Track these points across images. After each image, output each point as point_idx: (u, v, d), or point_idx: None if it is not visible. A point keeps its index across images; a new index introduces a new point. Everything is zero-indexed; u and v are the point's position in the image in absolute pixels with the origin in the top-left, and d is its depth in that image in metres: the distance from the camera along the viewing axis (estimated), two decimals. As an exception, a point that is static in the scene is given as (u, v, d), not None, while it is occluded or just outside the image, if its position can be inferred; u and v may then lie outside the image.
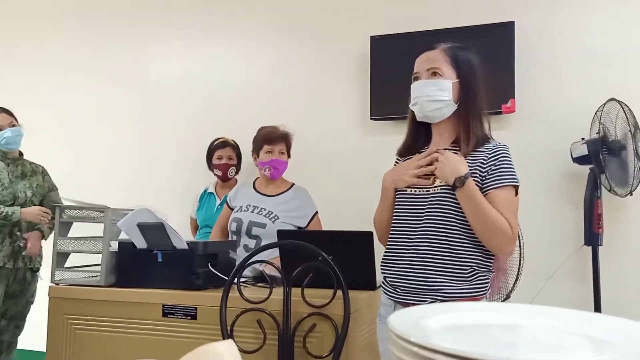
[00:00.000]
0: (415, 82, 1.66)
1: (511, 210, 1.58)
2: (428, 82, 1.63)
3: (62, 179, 3.36)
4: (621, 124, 2.57)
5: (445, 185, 1.59)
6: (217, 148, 3.19)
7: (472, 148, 1.61)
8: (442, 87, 1.62)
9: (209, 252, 2.01)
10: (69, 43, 4.00)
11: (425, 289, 1.58)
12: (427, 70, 1.64)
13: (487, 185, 1.58)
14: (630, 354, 0.58)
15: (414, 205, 1.64)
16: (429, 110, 1.63)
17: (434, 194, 1.61)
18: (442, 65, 1.63)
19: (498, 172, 1.59)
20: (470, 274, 1.58)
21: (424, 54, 1.68)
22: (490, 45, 2.87)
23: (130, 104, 3.83)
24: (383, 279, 1.72)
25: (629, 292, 2.72)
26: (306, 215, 2.63)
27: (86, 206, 2.13)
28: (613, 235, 2.72)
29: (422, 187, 1.64)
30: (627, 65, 2.80)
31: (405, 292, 1.61)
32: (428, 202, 1.61)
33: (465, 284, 1.57)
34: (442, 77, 1.63)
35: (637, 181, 2.56)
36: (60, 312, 2.04)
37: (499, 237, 1.55)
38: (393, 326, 0.57)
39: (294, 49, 3.45)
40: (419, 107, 1.64)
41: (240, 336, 1.79)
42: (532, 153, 2.86)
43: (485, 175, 1.59)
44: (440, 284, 1.57)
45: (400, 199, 1.68)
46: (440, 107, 1.63)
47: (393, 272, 1.65)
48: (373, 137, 3.21)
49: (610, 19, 2.85)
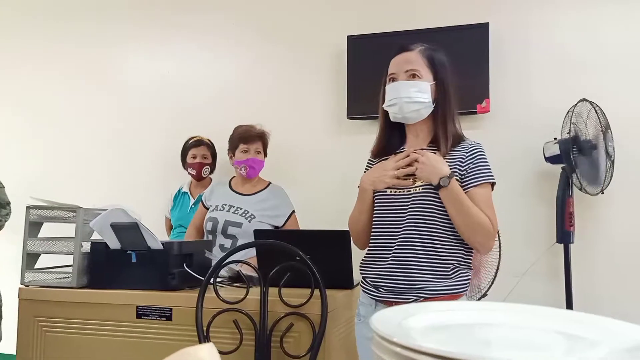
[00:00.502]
0: (394, 83, 1.66)
1: (490, 206, 1.62)
2: (407, 83, 1.64)
3: (34, 179, 3.28)
4: (592, 124, 2.62)
5: (426, 185, 1.61)
6: (192, 147, 3.16)
7: (450, 148, 1.64)
8: (422, 89, 1.63)
9: (184, 252, 1.99)
10: (40, 42, 3.90)
11: (409, 288, 1.59)
12: (406, 71, 1.65)
13: (467, 183, 1.62)
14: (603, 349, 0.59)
15: (395, 205, 1.65)
16: (408, 112, 1.64)
17: (415, 194, 1.62)
18: (420, 67, 1.65)
19: (477, 170, 1.63)
20: (452, 271, 1.60)
21: (401, 56, 1.68)
22: (466, 45, 2.90)
23: (105, 104, 3.76)
24: (362, 279, 1.72)
25: (600, 288, 2.78)
26: (283, 214, 2.62)
27: (57, 206, 2.08)
28: (584, 232, 2.78)
29: (402, 187, 1.65)
30: (598, 66, 2.86)
31: (388, 292, 1.62)
32: (410, 202, 1.62)
33: (448, 281, 1.59)
34: (420, 79, 1.64)
35: (608, 180, 2.62)
36: (30, 315, 2.00)
37: (482, 233, 1.59)
38: (376, 327, 0.57)
39: (271, 49, 3.43)
40: (397, 108, 1.64)
41: (216, 337, 1.77)
42: (506, 152, 2.90)
43: (465, 173, 1.62)
44: (424, 282, 1.58)
45: (380, 200, 1.68)
46: (419, 109, 1.64)
47: (375, 272, 1.65)
48: (350, 136, 3.22)
49: (581, 20, 2.91)
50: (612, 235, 2.81)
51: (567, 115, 2.69)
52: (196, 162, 3.13)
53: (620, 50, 2.84)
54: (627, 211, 2.80)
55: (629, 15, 2.85)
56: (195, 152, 3.14)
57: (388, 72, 1.70)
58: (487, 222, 1.58)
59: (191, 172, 3.16)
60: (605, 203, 2.79)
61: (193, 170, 3.14)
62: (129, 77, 3.74)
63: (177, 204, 3.20)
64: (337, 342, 1.89)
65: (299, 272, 1.73)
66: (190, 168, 3.15)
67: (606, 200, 2.77)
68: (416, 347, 0.51)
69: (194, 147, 3.16)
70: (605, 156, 2.58)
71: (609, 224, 2.82)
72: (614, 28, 2.87)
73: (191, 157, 3.15)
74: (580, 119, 2.64)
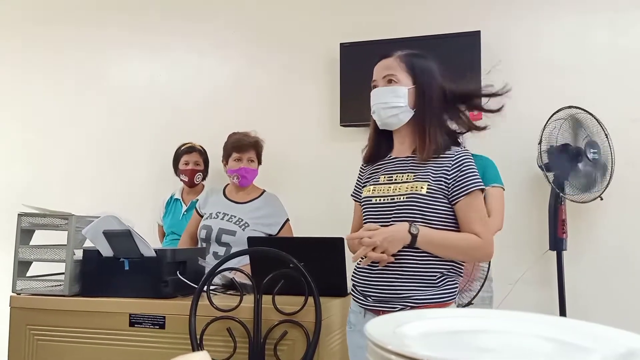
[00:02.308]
0: (374, 90, 1.68)
1: (480, 215, 1.61)
2: (384, 89, 1.65)
3: (25, 186, 3.26)
4: (581, 131, 2.65)
5: (409, 193, 1.59)
6: (184, 153, 3.16)
7: (431, 154, 1.61)
8: (397, 94, 1.62)
9: (178, 260, 1.98)
10: (29, 48, 3.88)
11: (395, 297, 1.58)
12: (384, 77, 1.66)
13: (456, 193, 1.59)
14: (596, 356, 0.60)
15: (380, 215, 1.64)
16: (386, 117, 1.65)
17: (398, 202, 1.61)
18: (397, 72, 1.65)
19: (464, 179, 1.60)
20: (439, 279, 1.59)
21: (381, 62, 1.69)
22: (458, 53, 2.92)
23: (95, 110, 3.74)
24: (352, 286, 1.72)
25: (592, 295, 2.80)
26: (277, 222, 2.62)
27: (49, 213, 2.07)
28: (577, 240, 2.79)
29: (386, 195, 1.64)
30: (588, 74, 2.89)
31: (375, 301, 1.61)
32: (394, 211, 1.61)
33: (433, 290, 1.58)
34: (397, 84, 1.64)
35: (598, 188, 2.64)
36: (22, 323, 1.98)
37: (474, 254, 1.64)
38: (370, 334, 0.57)
39: (264, 55, 3.44)
40: (377, 115, 1.66)
41: (210, 345, 1.77)
42: (498, 160, 2.91)
43: (452, 183, 1.60)
44: (409, 292, 1.57)
45: (366, 209, 1.68)
46: (397, 114, 1.63)
47: (364, 281, 1.65)
48: (343, 143, 3.22)
49: (571, 28, 2.94)
50: (604, 242, 2.82)
51: (556, 122, 2.71)
52: (188, 168, 3.13)
53: (610, 57, 2.87)
54: (619, 218, 2.81)
55: (616, 22, 2.88)
56: (188, 158, 3.14)
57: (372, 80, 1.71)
58: (474, 241, 1.57)
59: (183, 178, 3.15)
60: (598, 210, 2.81)
61: (185, 177, 3.14)
62: (119, 82, 3.73)
63: (169, 210, 3.19)
64: (331, 350, 1.88)
65: (293, 279, 1.73)
66: (183, 175, 3.14)
67: (599, 208, 2.79)
68: (411, 354, 0.51)
69: (186, 153, 3.15)
70: (594, 164, 2.60)
71: (602, 231, 2.84)
72: (602, 36, 2.90)
73: (183, 164, 3.14)
74: (568, 127, 2.66)
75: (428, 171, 1.61)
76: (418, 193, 1.58)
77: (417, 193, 1.58)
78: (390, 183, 1.64)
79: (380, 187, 1.66)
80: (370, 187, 1.69)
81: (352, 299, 1.71)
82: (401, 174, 1.65)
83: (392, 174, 1.67)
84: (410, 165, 1.65)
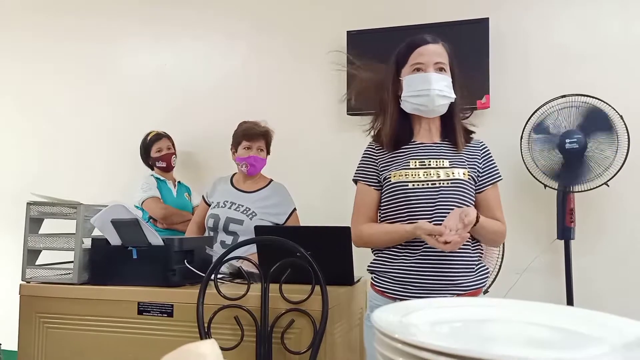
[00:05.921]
0: (423, 74, 1.61)
1: (499, 204, 1.68)
2: (440, 76, 1.61)
3: (34, 175, 3.27)
4: (590, 119, 2.62)
5: (453, 178, 1.59)
6: (154, 142, 3.24)
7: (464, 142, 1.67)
8: (449, 84, 1.63)
9: (185, 249, 1.99)
10: (38, 38, 3.89)
11: (445, 284, 1.56)
12: (435, 64, 1.61)
13: (483, 183, 1.66)
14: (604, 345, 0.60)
15: (422, 199, 1.59)
16: (437, 105, 1.61)
17: (443, 187, 1.59)
18: (446, 61, 1.64)
19: (490, 170, 1.68)
20: (477, 265, 1.63)
21: (429, 46, 1.63)
22: (465, 41, 2.90)
23: (105, 99, 3.75)
24: (376, 278, 1.68)
25: (600, 284, 2.79)
26: (284, 212, 2.62)
27: (58, 202, 2.08)
28: (585, 229, 2.78)
29: (426, 180, 1.60)
30: (598, 60, 2.86)
31: (420, 289, 1.57)
32: (439, 194, 1.58)
33: (475, 276, 1.60)
34: (446, 74, 1.63)
35: (604, 175, 2.61)
36: (32, 311, 2.00)
37: (501, 239, 1.72)
38: (378, 323, 0.57)
39: (270, 44, 3.43)
40: (427, 99, 1.60)
41: (217, 333, 1.78)
42: (507, 148, 2.89)
43: (482, 172, 1.66)
44: (459, 278, 1.57)
45: (402, 193, 1.61)
46: (446, 104, 1.64)
47: (400, 268, 1.61)
48: (350, 132, 3.21)
49: (580, 14, 2.91)
50: (613, 231, 2.81)
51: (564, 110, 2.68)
52: (164, 154, 3.21)
53: (621, 44, 2.84)
54: (628, 207, 2.80)
55: (628, 9, 2.85)
56: (160, 145, 3.23)
57: (409, 62, 1.64)
58: (503, 228, 1.66)
59: (161, 165, 3.23)
60: (606, 199, 2.79)
61: (163, 162, 3.22)
62: (128, 71, 3.73)
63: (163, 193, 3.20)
64: (338, 338, 1.89)
65: (300, 268, 1.73)
66: (159, 161, 3.22)
67: (607, 196, 2.77)
68: (418, 343, 0.51)
69: (156, 141, 3.24)
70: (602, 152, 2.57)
71: (610, 220, 2.82)
72: (613, 22, 2.86)
73: (156, 151, 3.22)
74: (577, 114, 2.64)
75: (462, 158, 1.65)
76: (461, 179, 1.60)
77: (460, 179, 1.60)
78: (425, 168, 1.62)
79: (414, 171, 1.62)
80: (402, 172, 1.63)
81: (377, 292, 1.67)
82: (435, 159, 1.64)
83: (425, 159, 1.64)
84: (443, 151, 1.66)
